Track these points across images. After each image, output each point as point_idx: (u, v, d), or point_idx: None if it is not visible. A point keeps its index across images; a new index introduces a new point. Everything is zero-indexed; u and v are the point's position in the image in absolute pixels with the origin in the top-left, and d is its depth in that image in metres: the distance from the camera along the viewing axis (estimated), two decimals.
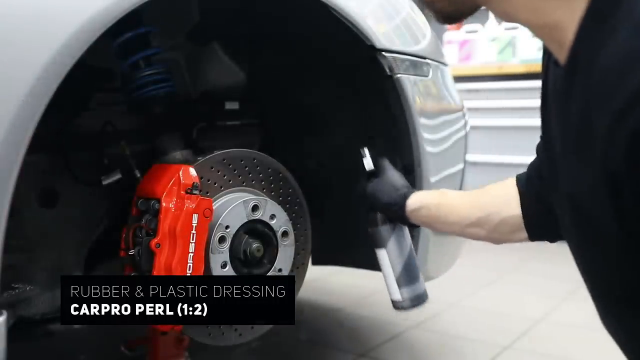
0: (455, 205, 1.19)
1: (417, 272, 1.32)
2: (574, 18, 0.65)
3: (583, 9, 0.64)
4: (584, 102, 0.64)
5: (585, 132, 0.63)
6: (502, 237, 1.15)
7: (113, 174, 1.29)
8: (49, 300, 1.30)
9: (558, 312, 2.37)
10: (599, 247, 0.70)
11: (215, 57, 1.54)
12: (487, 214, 1.13)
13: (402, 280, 1.30)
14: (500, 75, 4.14)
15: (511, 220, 1.10)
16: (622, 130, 0.56)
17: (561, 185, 0.78)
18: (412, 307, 1.31)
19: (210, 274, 1.21)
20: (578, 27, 0.64)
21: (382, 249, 1.31)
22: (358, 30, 1.36)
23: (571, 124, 0.69)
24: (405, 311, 1.32)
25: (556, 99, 0.75)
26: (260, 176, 1.36)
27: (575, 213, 0.73)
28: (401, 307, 1.32)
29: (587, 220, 0.70)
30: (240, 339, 1.35)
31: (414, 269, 1.31)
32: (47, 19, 0.93)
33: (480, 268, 3.03)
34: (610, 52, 0.58)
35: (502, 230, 1.12)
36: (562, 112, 0.72)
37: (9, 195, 0.87)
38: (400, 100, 1.44)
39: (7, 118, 0.86)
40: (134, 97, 1.26)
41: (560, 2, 0.66)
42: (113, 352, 1.42)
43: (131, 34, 1.19)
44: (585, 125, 0.63)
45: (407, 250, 1.31)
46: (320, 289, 2.64)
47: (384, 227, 1.30)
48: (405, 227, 1.32)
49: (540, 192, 1.04)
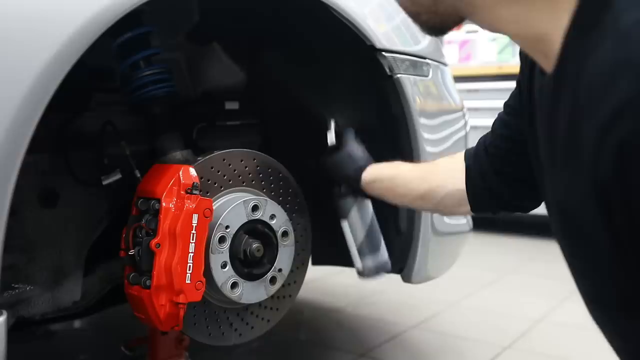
0: (406, 179, 1.24)
1: (379, 242, 1.39)
2: (559, 29, 0.65)
3: (568, 20, 0.64)
4: (571, 113, 0.64)
5: (573, 143, 0.63)
6: (447, 209, 1.21)
7: (113, 174, 1.29)
8: (49, 300, 1.30)
9: (558, 312, 2.37)
10: (590, 255, 0.70)
11: (215, 57, 1.54)
12: (434, 187, 1.18)
13: (363, 250, 1.37)
14: (500, 75, 4.13)
15: (456, 194, 1.14)
16: (609, 142, 0.56)
17: (548, 193, 0.78)
18: (375, 275, 1.39)
19: (210, 274, 1.21)
20: (564, 38, 0.65)
21: (345, 220, 1.38)
22: (358, 30, 1.36)
23: (559, 133, 0.69)
24: (369, 279, 1.39)
25: (542, 108, 0.76)
26: (260, 176, 1.36)
27: (564, 221, 0.73)
28: (364, 275, 1.39)
29: (577, 229, 0.70)
30: (240, 339, 1.35)
31: (375, 239, 1.38)
32: (47, 19, 0.93)
33: (480, 268, 3.03)
34: (596, 63, 0.58)
35: (447, 203, 1.17)
36: (548, 121, 0.73)
37: (9, 195, 0.87)
38: (400, 100, 1.44)
39: (7, 118, 0.86)
40: (134, 97, 1.25)
41: (545, 14, 0.66)
42: (113, 352, 1.42)
43: (131, 34, 1.19)
44: (573, 135, 0.63)
45: (368, 221, 1.38)
46: (320, 289, 2.64)
47: (345, 199, 1.37)
48: (367, 198, 1.37)
49: (486, 172, 1.08)
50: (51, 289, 1.30)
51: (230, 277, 1.24)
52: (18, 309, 1.25)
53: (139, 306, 1.20)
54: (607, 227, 0.63)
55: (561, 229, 0.75)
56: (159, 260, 1.15)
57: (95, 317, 1.72)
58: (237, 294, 1.25)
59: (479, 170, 1.10)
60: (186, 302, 1.16)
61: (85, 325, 2.18)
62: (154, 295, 1.16)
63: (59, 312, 1.34)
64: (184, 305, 1.15)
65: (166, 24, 1.37)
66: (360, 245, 1.37)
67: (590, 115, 0.58)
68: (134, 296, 1.20)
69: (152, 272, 1.15)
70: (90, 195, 1.35)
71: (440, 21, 0.79)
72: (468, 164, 1.12)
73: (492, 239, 3.73)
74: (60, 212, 1.32)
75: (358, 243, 1.38)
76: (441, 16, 0.77)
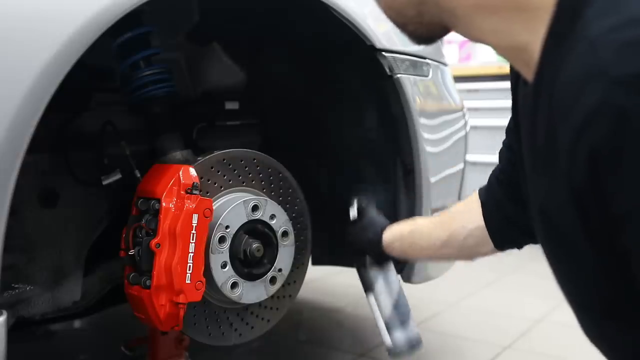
0: (424, 231, 1.23)
1: (408, 314, 1.30)
2: (538, 39, 0.65)
3: (545, 30, 0.65)
4: (548, 120, 0.65)
5: (551, 150, 0.64)
6: (471, 252, 1.17)
7: (113, 174, 1.29)
8: (49, 300, 1.30)
9: (558, 312, 2.37)
10: (572, 260, 0.71)
11: (215, 57, 1.54)
12: (454, 231, 1.16)
13: (393, 324, 1.28)
14: (500, 75, 4.12)
15: (476, 232, 1.12)
16: (581, 148, 0.56)
17: (532, 200, 0.79)
18: (408, 350, 1.27)
19: (210, 274, 1.21)
20: (541, 48, 0.65)
21: (371, 293, 1.32)
22: (358, 30, 1.36)
23: (538, 140, 0.70)
24: (401, 356, 1.28)
25: (524, 117, 0.77)
26: (260, 176, 1.36)
27: (546, 226, 0.74)
28: (396, 352, 1.27)
29: (558, 234, 0.70)
30: (240, 339, 1.35)
31: (404, 311, 1.30)
32: (47, 19, 0.93)
33: (480, 268, 3.01)
34: (568, 72, 0.59)
35: (469, 244, 1.15)
36: (529, 129, 0.74)
37: (9, 195, 0.87)
38: (400, 100, 1.44)
39: (7, 118, 0.87)
40: (134, 97, 1.25)
41: (524, 24, 0.67)
42: (113, 352, 1.42)
43: (131, 34, 1.19)
44: (550, 143, 0.64)
45: (395, 292, 1.31)
46: (320, 289, 2.64)
47: (371, 271, 1.32)
48: (393, 270, 1.34)
49: (500, 200, 1.07)
50: (51, 289, 1.30)
51: (230, 277, 1.24)
52: (18, 309, 1.25)
53: (139, 306, 1.20)
54: (584, 230, 0.63)
55: (544, 234, 0.76)
56: (159, 260, 1.15)
57: (95, 317, 1.72)
58: (237, 294, 1.25)
59: (494, 201, 1.09)
60: (186, 302, 1.16)
61: (85, 325, 2.18)
62: (154, 295, 1.15)
63: (59, 312, 1.34)
64: (184, 305, 1.15)
65: (166, 24, 1.37)
66: (388, 319, 1.29)
67: (563, 122, 0.59)
68: (134, 296, 1.20)
69: (152, 272, 1.15)
70: (90, 195, 1.35)
71: (427, 31, 0.80)
72: (483, 200, 1.11)
73: None
74: (60, 212, 1.31)
75: (386, 317, 1.29)
76: (427, 26, 0.78)
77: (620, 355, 0.73)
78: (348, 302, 2.54)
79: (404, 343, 1.26)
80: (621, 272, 0.61)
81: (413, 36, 0.82)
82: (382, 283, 1.31)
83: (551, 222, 0.71)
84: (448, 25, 0.77)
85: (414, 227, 1.27)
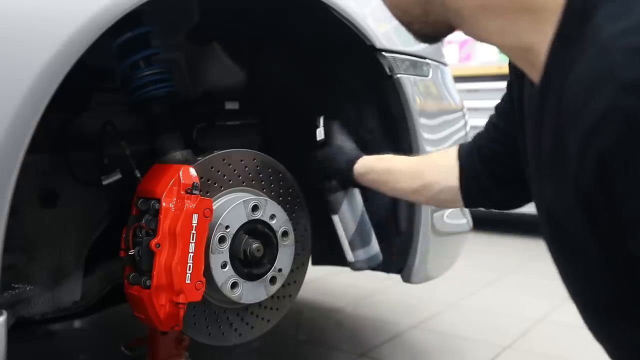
0: (400, 172, 1.27)
1: (370, 235, 1.43)
2: (545, 41, 0.66)
3: (553, 32, 0.65)
4: (555, 123, 0.65)
5: (558, 152, 0.64)
6: (440, 203, 1.29)
7: (113, 174, 1.29)
8: (49, 300, 1.30)
9: (558, 312, 2.37)
10: (578, 261, 0.71)
11: (215, 57, 1.54)
12: (428, 183, 1.21)
13: (355, 243, 1.41)
14: (500, 75, 4.12)
15: (450, 191, 1.17)
16: (591, 153, 0.57)
17: (536, 199, 0.79)
18: (366, 267, 1.43)
19: (210, 274, 1.21)
20: (549, 49, 0.65)
21: (335, 215, 1.41)
22: (358, 30, 1.36)
23: (544, 142, 0.70)
24: (361, 271, 1.45)
25: (530, 117, 0.77)
26: (260, 176, 1.36)
27: (553, 227, 0.74)
28: (356, 268, 1.43)
29: (565, 235, 0.71)
30: (240, 339, 1.35)
31: (366, 232, 1.42)
32: (47, 19, 0.93)
33: (480, 268, 3.03)
34: (578, 75, 0.59)
35: (440, 198, 1.21)
36: (535, 130, 0.74)
37: (9, 195, 0.87)
38: (400, 100, 1.44)
39: (7, 118, 0.86)
40: (134, 97, 1.25)
41: (531, 25, 0.67)
42: (113, 352, 1.42)
43: (131, 34, 1.19)
44: (557, 145, 0.64)
45: (358, 214, 1.41)
46: (320, 289, 2.64)
47: (336, 194, 1.39)
48: (357, 193, 1.41)
49: (478, 171, 1.11)
50: (51, 289, 1.30)
51: (230, 277, 1.24)
52: (18, 309, 1.25)
53: (139, 306, 1.20)
54: (592, 234, 0.64)
55: (550, 235, 0.76)
56: (159, 260, 1.15)
57: (95, 317, 1.72)
58: (237, 294, 1.25)
59: (472, 171, 1.12)
60: (186, 302, 1.16)
61: (85, 325, 2.18)
62: (154, 295, 1.15)
63: (59, 312, 1.34)
64: (184, 305, 1.15)
65: (166, 24, 1.37)
66: (351, 239, 1.41)
67: (573, 126, 0.59)
68: (134, 296, 1.20)
69: (152, 272, 1.15)
70: (90, 195, 1.35)
71: (432, 30, 0.80)
72: (462, 164, 1.15)
73: (492, 239, 3.72)
74: (60, 212, 1.31)
75: (349, 236, 1.41)
76: (432, 25, 0.79)
77: (625, 354, 0.73)
78: (348, 302, 2.54)
79: (364, 259, 1.42)
80: (629, 274, 0.61)
81: (418, 35, 0.82)
82: (347, 206, 1.40)
83: (558, 224, 0.71)
84: (453, 25, 0.77)
85: (389, 166, 1.29)
